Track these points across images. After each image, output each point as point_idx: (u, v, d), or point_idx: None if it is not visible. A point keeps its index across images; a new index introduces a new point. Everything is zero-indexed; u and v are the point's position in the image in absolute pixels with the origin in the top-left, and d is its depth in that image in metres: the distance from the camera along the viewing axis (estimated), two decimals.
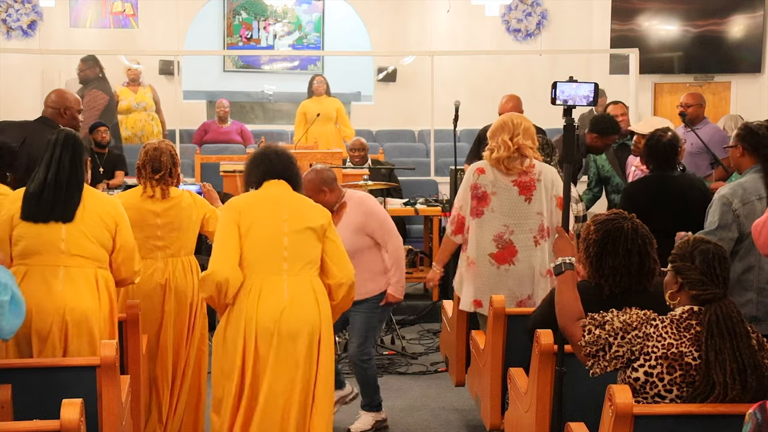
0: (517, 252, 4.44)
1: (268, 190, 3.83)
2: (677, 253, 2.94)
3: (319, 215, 3.83)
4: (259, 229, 3.72)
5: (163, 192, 4.37)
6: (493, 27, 12.04)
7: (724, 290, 2.88)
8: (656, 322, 2.86)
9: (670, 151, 4.84)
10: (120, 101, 10.13)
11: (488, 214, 4.46)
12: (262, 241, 3.71)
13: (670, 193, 4.74)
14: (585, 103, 3.33)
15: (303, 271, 3.73)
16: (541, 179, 4.48)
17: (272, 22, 13.51)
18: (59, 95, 5.10)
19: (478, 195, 4.48)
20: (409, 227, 8.79)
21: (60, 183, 3.63)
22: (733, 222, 4.03)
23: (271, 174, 3.84)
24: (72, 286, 3.60)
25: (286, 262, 3.71)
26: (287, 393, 3.66)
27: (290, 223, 3.74)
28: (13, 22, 11.26)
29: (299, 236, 3.74)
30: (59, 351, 3.55)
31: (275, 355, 3.64)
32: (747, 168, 4.17)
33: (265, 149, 3.93)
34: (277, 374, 3.65)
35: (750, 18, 10.76)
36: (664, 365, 2.80)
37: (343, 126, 10.23)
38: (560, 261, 3.19)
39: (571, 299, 3.08)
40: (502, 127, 4.52)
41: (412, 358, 6.40)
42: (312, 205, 3.87)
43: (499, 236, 4.45)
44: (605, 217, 3.37)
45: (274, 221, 3.73)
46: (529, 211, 4.46)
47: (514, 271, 4.44)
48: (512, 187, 4.46)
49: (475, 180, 4.50)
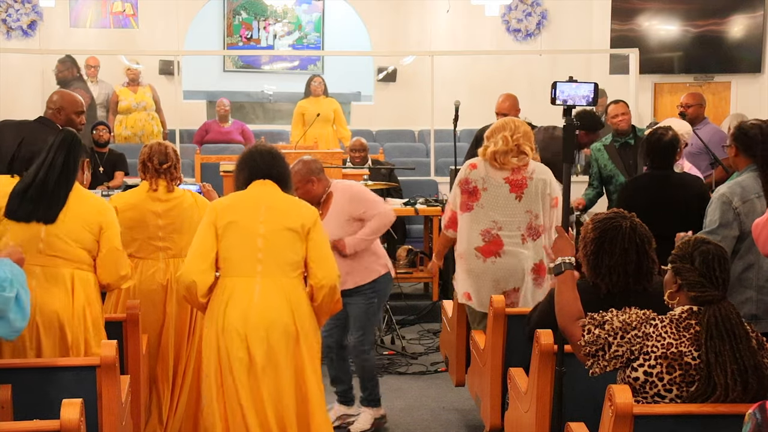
0: (503, 245, 4.45)
1: (251, 190, 3.81)
2: (677, 253, 2.93)
3: (301, 215, 3.76)
4: (235, 230, 3.71)
5: (167, 186, 4.37)
6: (493, 27, 12.04)
7: (723, 292, 2.88)
8: (656, 322, 2.86)
9: (670, 150, 4.87)
10: (120, 101, 10.14)
11: (477, 210, 4.48)
12: (237, 242, 3.70)
13: (670, 192, 4.76)
14: (584, 103, 3.34)
15: (278, 273, 3.69)
16: (533, 177, 4.49)
17: (272, 22, 13.51)
18: (60, 96, 5.10)
19: (469, 189, 4.50)
20: (409, 227, 8.80)
21: (47, 184, 3.58)
22: (734, 220, 4.03)
23: (256, 174, 3.82)
24: (45, 286, 3.57)
25: (260, 263, 3.69)
26: (273, 396, 3.64)
27: (267, 224, 3.71)
28: (13, 22, 11.26)
29: (275, 237, 3.70)
30: (31, 352, 3.51)
31: (247, 357, 3.62)
32: (743, 167, 4.18)
33: (252, 149, 3.91)
34: (254, 377, 3.63)
35: (750, 18, 10.76)
36: (663, 365, 2.80)
37: (339, 127, 10.21)
38: (560, 261, 3.18)
39: (570, 299, 3.08)
40: (503, 126, 4.55)
41: (412, 358, 6.40)
42: (296, 206, 3.81)
43: (486, 231, 4.47)
44: (604, 216, 3.37)
45: (249, 222, 3.72)
46: (518, 209, 4.47)
47: (500, 263, 4.46)
48: (503, 184, 4.48)
49: (467, 175, 4.52)
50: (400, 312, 7.31)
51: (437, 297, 7.56)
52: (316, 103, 10.06)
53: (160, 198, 4.38)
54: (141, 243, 4.33)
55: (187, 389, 4.44)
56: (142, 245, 4.31)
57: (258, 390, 3.64)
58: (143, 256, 4.34)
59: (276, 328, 3.64)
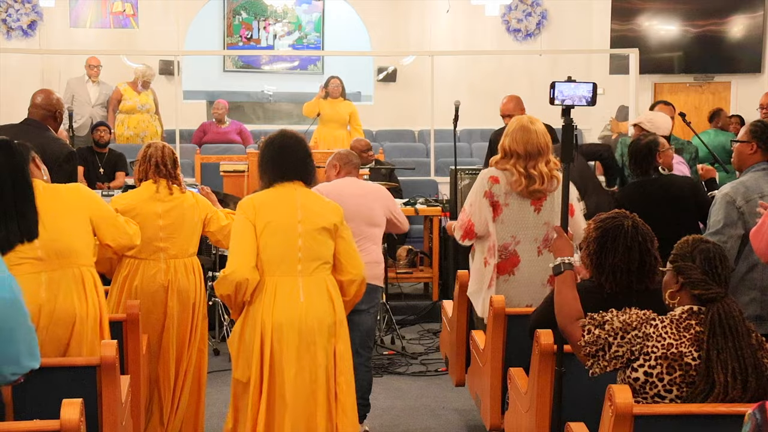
0: (519, 262, 4.37)
1: (283, 188, 3.81)
2: (678, 252, 2.93)
3: (331, 213, 3.84)
4: (274, 229, 3.72)
5: (169, 187, 4.37)
6: (493, 27, 12.04)
7: (726, 289, 2.88)
8: (656, 322, 2.86)
9: (647, 154, 4.90)
10: (124, 100, 10.11)
11: (497, 225, 4.35)
12: (277, 242, 3.71)
13: (659, 194, 4.76)
14: (583, 103, 3.33)
15: (317, 271, 3.75)
16: (554, 190, 4.34)
17: (272, 22, 13.52)
18: (46, 96, 4.92)
19: (492, 203, 4.34)
20: (409, 227, 8.78)
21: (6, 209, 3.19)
22: (738, 219, 4.01)
23: (289, 175, 3.82)
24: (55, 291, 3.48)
25: (300, 263, 3.73)
26: (309, 393, 3.68)
27: (305, 223, 3.75)
28: (13, 22, 11.27)
29: (313, 236, 3.75)
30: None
31: (295, 356, 3.65)
32: (750, 165, 4.15)
33: (280, 143, 3.88)
34: (299, 375, 3.66)
35: (750, 18, 10.76)
36: (663, 365, 2.80)
37: (354, 130, 9.92)
38: (559, 261, 3.19)
39: (570, 299, 3.08)
40: (516, 153, 4.30)
41: (412, 358, 6.39)
42: (325, 204, 3.87)
43: (504, 247, 4.35)
44: (606, 216, 3.38)
45: (288, 221, 3.74)
46: (536, 222, 4.35)
47: (514, 281, 4.36)
48: (525, 198, 4.33)
49: (489, 188, 4.34)
50: (400, 312, 7.31)
51: (437, 297, 7.56)
52: (333, 105, 9.84)
53: (161, 199, 4.38)
54: (142, 244, 4.31)
55: (188, 390, 4.44)
56: (144, 246, 4.30)
57: (309, 385, 3.68)
58: (145, 256, 4.34)
59: (323, 325, 3.71)
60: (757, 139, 4.12)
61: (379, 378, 5.88)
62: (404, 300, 7.61)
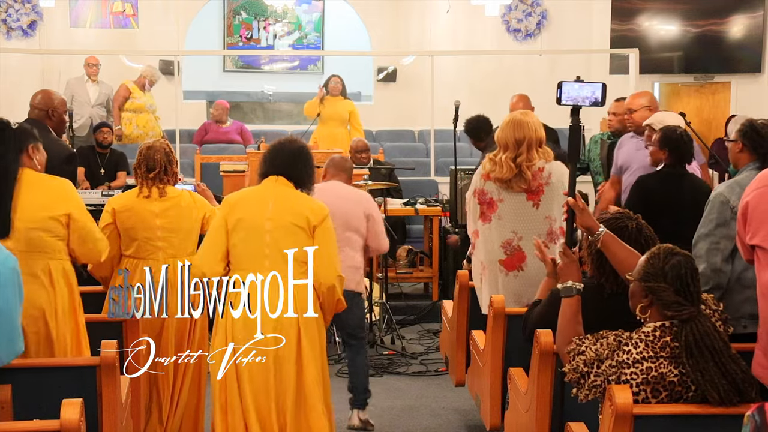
0: (526, 258, 4.37)
1: (262, 186, 3.89)
2: (648, 271, 2.86)
3: (309, 212, 3.80)
4: (244, 225, 3.77)
5: (159, 191, 4.36)
6: (493, 27, 12.03)
7: (698, 306, 2.84)
8: (629, 348, 2.80)
9: (690, 143, 4.82)
10: (132, 98, 10.07)
11: (496, 221, 4.38)
12: (246, 237, 3.76)
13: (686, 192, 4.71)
14: (588, 104, 3.30)
15: (285, 268, 3.69)
16: (550, 183, 4.35)
17: (272, 22, 13.52)
18: (45, 96, 4.95)
19: (486, 201, 4.39)
20: (409, 227, 8.80)
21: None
22: (732, 219, 4.00)
23: (272, 170, 3.89)
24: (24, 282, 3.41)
25: (267, 258, 3.73)
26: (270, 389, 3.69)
27: (274, 219, 3.77)
28: (13, 22, 11.26)
29: (282, 233, 3.75)
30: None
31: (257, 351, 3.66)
32: (744, 165, 4.15)
33: (278, 145, 3.97)
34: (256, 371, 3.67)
35: (750, 18, 10.75)
36: (647, 390, 2.78)
37: (354, 130, 9.90)
38: (570, 284, 3.13)
39: (571, 323, 3.06)
40: (505, 143, 4.37)
41: (412, 358, 6.39)
42: (304, 201, 3.85)
43: (507, 243, 4.37)
44: (610, 216, 3.36)
45: (257, 218, 3.78)
46: (537, 217, 4.36)
47: (522, 276, 4.37)
48: (520, 193, 4.35)
49: (482, 186, 4.40)
50: (400, 312, 7.31)
51: (437, 297, 7.56)
52: (332, 103, 9.82)
53: (157, 198, 4.38)
54: (140, 243, 4.32)
55: (187, 389, 4.44)
56: (141, 245, 4.30)
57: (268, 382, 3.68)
58: (143, 256, 4.33)
59: (282, 322, 3.67)
60: (743, 137, 4.14)
61: (379, 378, 5.88)
62: (404, 300, 7.61)
